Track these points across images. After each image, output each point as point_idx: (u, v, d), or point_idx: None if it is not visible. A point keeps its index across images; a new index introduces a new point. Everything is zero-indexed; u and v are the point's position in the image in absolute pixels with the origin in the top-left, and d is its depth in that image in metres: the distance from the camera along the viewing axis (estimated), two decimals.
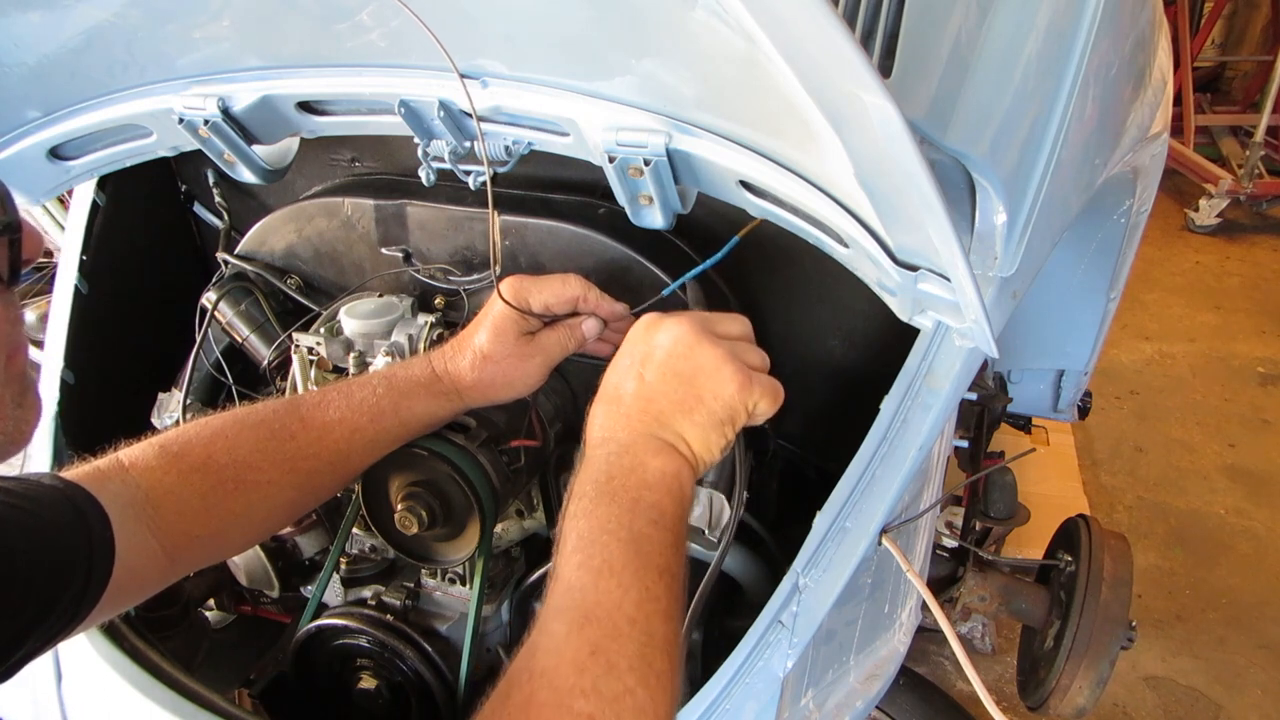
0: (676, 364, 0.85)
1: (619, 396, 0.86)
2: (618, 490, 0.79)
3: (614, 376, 0.88)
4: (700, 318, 0.88)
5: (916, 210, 0.74)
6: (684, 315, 0.88)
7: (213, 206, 1.51)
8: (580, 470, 0.83)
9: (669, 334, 0.86)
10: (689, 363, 0.84)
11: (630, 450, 0.82)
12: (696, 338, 0.85)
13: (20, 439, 0.61)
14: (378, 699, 1.12)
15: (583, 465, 0.83)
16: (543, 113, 0.96)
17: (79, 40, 1.06)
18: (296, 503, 1.03)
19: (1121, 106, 1.21)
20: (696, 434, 0.84)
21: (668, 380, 0.84)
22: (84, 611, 0.84)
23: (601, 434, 0.85)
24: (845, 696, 1.01)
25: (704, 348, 0.85)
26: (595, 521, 0.76)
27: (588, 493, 0.79)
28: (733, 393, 0.84)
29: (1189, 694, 2.48)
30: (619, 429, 0.84)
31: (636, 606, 0.71)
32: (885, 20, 0.83)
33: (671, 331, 0.86)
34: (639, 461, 0.81)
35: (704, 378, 0.84)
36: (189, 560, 0.96)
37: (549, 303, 1.05)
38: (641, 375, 0.85)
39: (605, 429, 0.85)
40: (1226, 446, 3.51)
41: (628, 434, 0.83)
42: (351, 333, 1.20)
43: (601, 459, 0.82)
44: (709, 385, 0.84)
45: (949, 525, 1.90)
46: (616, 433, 0.84)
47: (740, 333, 0.91)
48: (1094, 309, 1.80)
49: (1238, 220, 5.50)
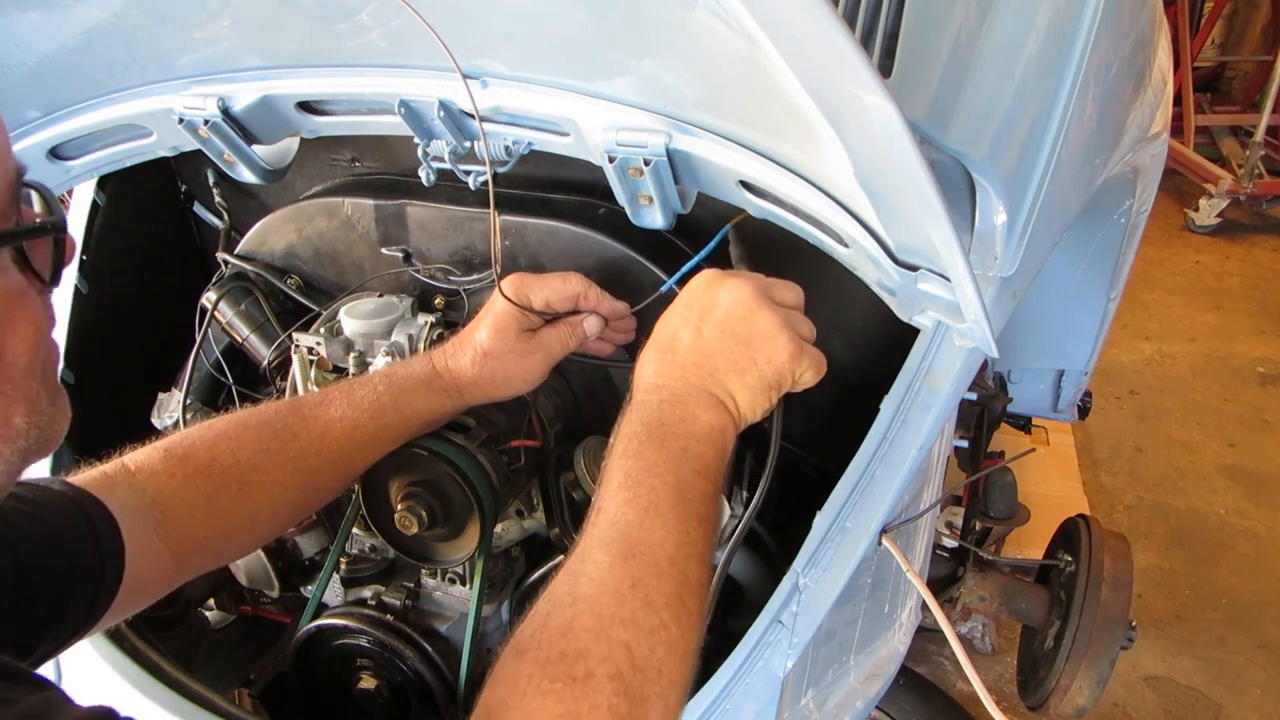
0: (735, 324, 0.86)
1: (674, 346, 0.88)
2: (668, 436, 0.81)
3: (670, 325, 0.90)
4: (761, 282, 0.89)
5: (916, 210, 0.74)
6: (747, 277, 0.89)
7: (213, 206, 1.51)
8: (629, 412, 0.85)
9: (731, 294, 0.87)
10: (747, 325, 0.86)
11: (683, 400, 0.84)
12: (757, 301, 0.87)
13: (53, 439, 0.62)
14: (378, 699, 1.12)
15: (632, 408, 0.85)
16: (543, 113, 0.96)
17: (79, 40, 1.06)
18: (299, 503, 1.03)
19: (1121, 106, 1.21)
20: (745, 395, 0.86)
21: (725, 339, 0.86)
22: (95, 618, 0.85)
23: (655, 380, 0.86)
24: (845, 696, 1.01)
25: (763, 312, 0.86)
26: (644, 463, 0.79)
27: (638, 434, 0.81)
28: (784, 360, 0.86)
29: (1189, 694, 2.48)
30: (673, 378, 0.86)
31: (677, 548, 0.74)
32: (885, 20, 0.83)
33: (734, 292, 0.87)
34: (690, 413, 0.83)
35: (760, 342, 0.86)
36: (195, 564, 0.97)
37: (550, 300, 1.05)
38: (699, 329, 0.87)
39: (659, 375, 0.87)
40: (1226, 446, 3.51)
41: (681, 384, 0.85)
42: (351, 333, 1.20)
43: (654, 405, 0.84)
44: (764, 350, 0.86)
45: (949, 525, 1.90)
46: (670, 381, 0.86)
47: (794, 301, 0.92)
48: (1094, 309, 1.80)
49: (1238, 220, 5.49)
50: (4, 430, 0.57)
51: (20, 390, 0.57)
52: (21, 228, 0.57)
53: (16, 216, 0.57)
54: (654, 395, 0.85)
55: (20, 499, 0.81)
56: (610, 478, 0.79)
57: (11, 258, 0.57)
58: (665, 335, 0.90)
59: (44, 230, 0.59)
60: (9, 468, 0.58)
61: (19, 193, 0.57)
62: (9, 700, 0.53)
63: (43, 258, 0.59)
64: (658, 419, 0.82)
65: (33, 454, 0.60)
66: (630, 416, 0.84)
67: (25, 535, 0.79)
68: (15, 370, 0.57)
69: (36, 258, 0.59)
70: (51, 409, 0.61)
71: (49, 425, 0.60)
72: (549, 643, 0.68)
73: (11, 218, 0.56)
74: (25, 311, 0.57)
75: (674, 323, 0.90)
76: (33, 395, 0.58)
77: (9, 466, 0.58)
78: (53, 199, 0.60)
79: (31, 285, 0.58)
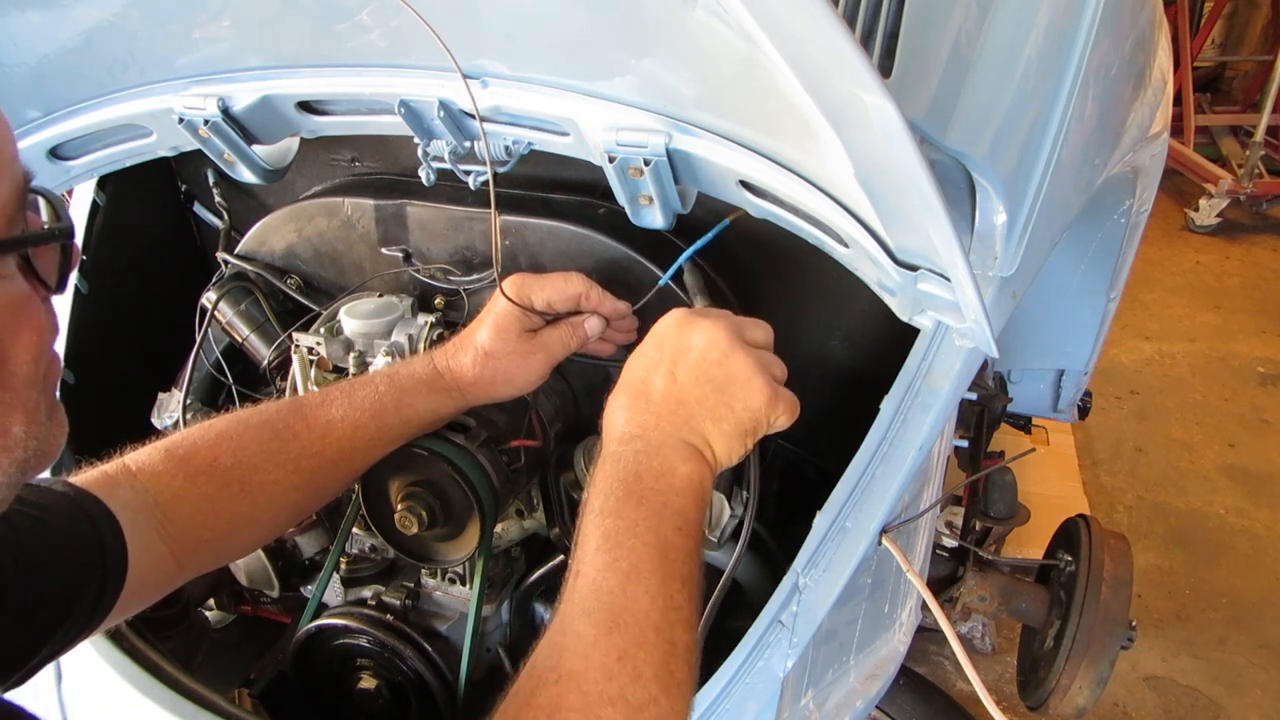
0: (710, 369, 0.84)
1: (646, 392, 0.85)
2: (646, 493, 0.79)
3: (640, 368, 0.87)
4: (733, 323, 0.87)
5: (916, 210, 0.74)
6: (719, 318, 0.87)
7: (213, 206, 1.51)
8: (604, 464, 0.82)
9: (704, 336, 0.85)
10: (722, 369, 0.84)
11: (659, 452, 0.82)
12: (730, 344, 0.85)
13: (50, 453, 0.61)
14: (378, 699, 1.12)
15: (607, 459, 0.82)
16: (543, 113, 0.96)
17: (79, 40, 1.06)
18: (300, 504, 1.03)
19: (1121, 106, 1.21)
20: (722, 442, 0.84)
21: (700, 384, 0.84)
22: (98, 619, 0.85)
23: (629, 429, 0.84)
24: (845, 696, 1.01)
25: (737, 356, 0.84)
26: (623, 522, 0.76)
27: (615, 490, 0.79)
28: (760, 405, 0.85)
29: (1189, 694, 2.48)
30: (648, 427, 0.83)
31: (662, 614, 0.72)
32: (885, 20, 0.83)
33: (707, 334, 0.85)
34: (668, 465, 0.81)
35: (736, 387, 0.84)
36: (196, 564, 0.97)
37: (551, 300, 1.05)
38: (673, 374, 0.85)
39: (633, 424, 0.84)
40: (1226, 446, 3.51)
41: (657, 434, 0.83)
42: (351, 333, 1.20)
43: (630, 457, 0.81)
44: (740, 395, 0.84)
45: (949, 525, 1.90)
46: (646, 430, 0.83)
47: (765, 340, 0.91)
48: (1094, 309, 1.80)
49: (1238, 220, 5.49)
50: (3, 440, 0.56)
51: (20, 399, 0.56)
52: (29, 234, 0.56)
53: (24, 223, 0.56)
54: (629, 446, 0.82)
55: (22, 500, 0.81)
56: (588, 538, 0.77)
57: (17, 265, 0.56)
58: (636, 379, 0.87)
59: (52, 237, 0.58)
60: (8, 479, 0.57)
61: (26, 199, 0.57)
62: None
63: (48, 265, 0.59)
64: (634, 472, 0.80)
65: (31, 467, 0.59)
66: (605, 469, 0.81)
67: (28, 537, 0.79)
68: (16, 379, 0.56)
69: (42, 265, 0.58)
70: (49, 422, 0.60)
71: (47, 438, 0.60)
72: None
73: (19, 224, 0.56)
74: (29, 319, 0.56)
75: (645, 365, 0.87)
76: (32, 405, 0.57)
77: (8, 479, 0.57)
78: (60, 205, 0.60)
79: (36, 292, 0.58)
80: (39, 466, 0.60)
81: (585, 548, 0.76)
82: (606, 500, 0.78)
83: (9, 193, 0.55)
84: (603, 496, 0.79)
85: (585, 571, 0.75)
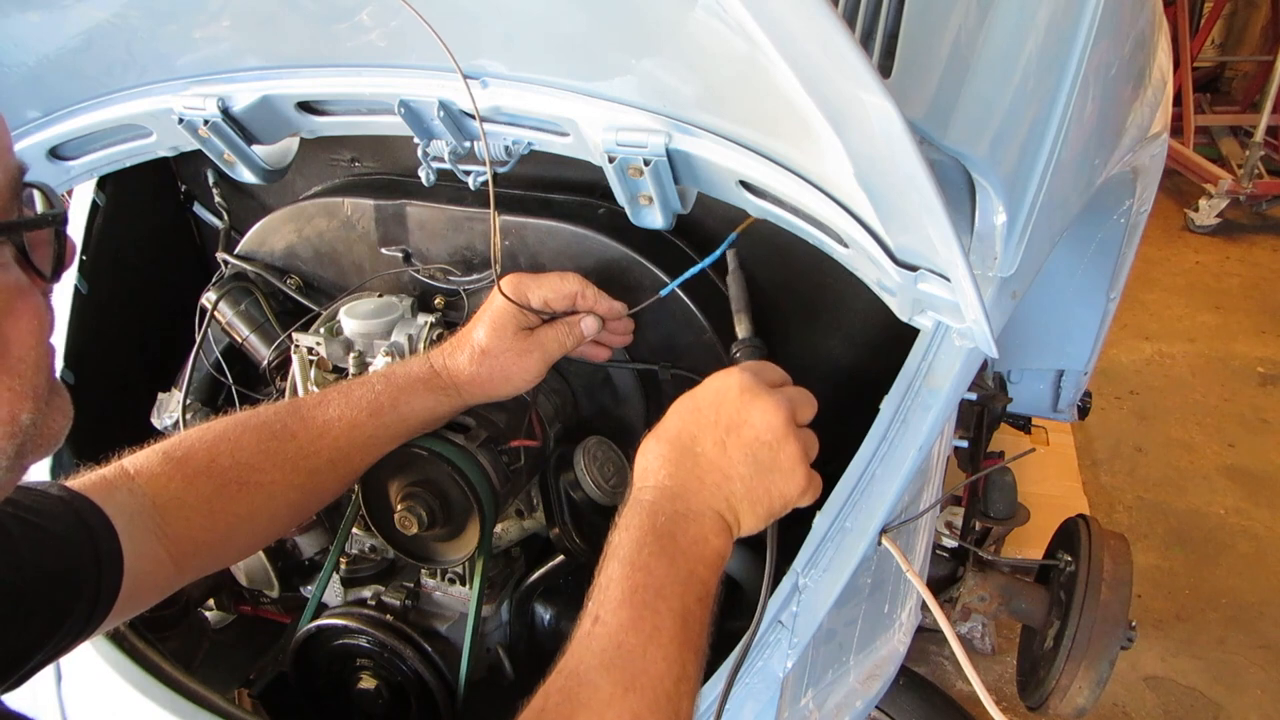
0: (761, 451, 0.85)
1: (695, 452, 0.85)
2: (678, 555, 0.80)
3: (691, 424, 0.87)
4: (790, 403, 0.86)
5: (916, 210, 0.74)
6: (781, 399, 0.86)
7: (213, 206, 1.51)
8: (638, 510, 0.82)
9: (764, 418, 0.85)
10: (771, 454, 0.85)
11: (698, 520, 0.82)
12: (786, 431, 0.85)
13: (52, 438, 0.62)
14: (378, 699, 1.12)
15: (643, 506, 0.82)
16: (543, 113, 0.96)
17: (79, 40, 1.06)
18: (299, 504, 1.03)
19: (1121, 106, 1.21)
20: (750, 521, 0.86)
21: (748, 463, 0.84)
22: (94, 624, 0.85)
23: (670, 484, 0.84)
24: (845, 696, 1.01)
25: (789, 444, 0.85)
26: (652, 579, 0.77)
27: (648, 543, 0.79)
28: (795, 495, 0.87)
29: (1189, 694, 2.48)
30: (690, 491, 0.84)
31: (675, 683, 0.74)
32: (885, 20, 0.83)
33: (767, 416, 0.85)
34: (702, 535, 0.82)
35: (779, 475, 0.85)
36: (195, 567, 0.97)
37: (548, 298, 1.05)
38: (724, 443, 0.85)
39: (675, 480, 0.84)
40: (1226, 446, 3.51)
41: (698, 501, 0.83)
42: (351, 333, 1.20)
43: (668, 514, 0.82)
44: (780, 484, 0.85)
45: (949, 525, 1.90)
46: (686, 491, 0.84)
47: (811, 417, 0.90)
48: (1094, 309, 1.80)
49: (1238, 220, 5.49)
50: (10, 426, 0.57)
51: (28, 385, 0.57)
52: (23, 220, 0.57)
53: (18, 214, 0.57)
54: (668, 502, 0.83)
55: (18, 505, 0.81)
56: (611, 584, 0.77)
57: (13, 255, 0.57)
58: (685, 435, 0.86)
59: (45, 222, 0.59)
60: (10, 463, 0.58)
61: (20, 190, 0.57)
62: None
63: (44, 256, 0.59)
64: (669, 532, 0.80)
65: (29, 451, 0.59)
66: (640, 518, 0.81)
67: (24, 542, 0.79)
68: (24, 365, 0.57)
69: (38, 256, 0.59)
70: (48, 408, 0.61)
71: (46, 423, 0.60)
72: None
73: (13, 215, 0.56)
74: (28, 307, 0.57)
75: (697, 424, 0.86)
76: (40, 391, 0.58)
77: (10, 463, 0.58)
78: (54, 196, 0.60)
79: (34, 283, 0.58)
80: (40, 452, 0.61)
81: (609, 594, 0.77)
82: (639, 552, 0.79)
83: (3, 182, 0.55)
84: (634, 546, 0.79)
85: (606, 620, 0.75)
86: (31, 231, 0.58)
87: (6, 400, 0.56)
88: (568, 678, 0.73)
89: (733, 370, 0.89)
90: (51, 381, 0.61)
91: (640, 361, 1.18)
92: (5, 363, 0.56)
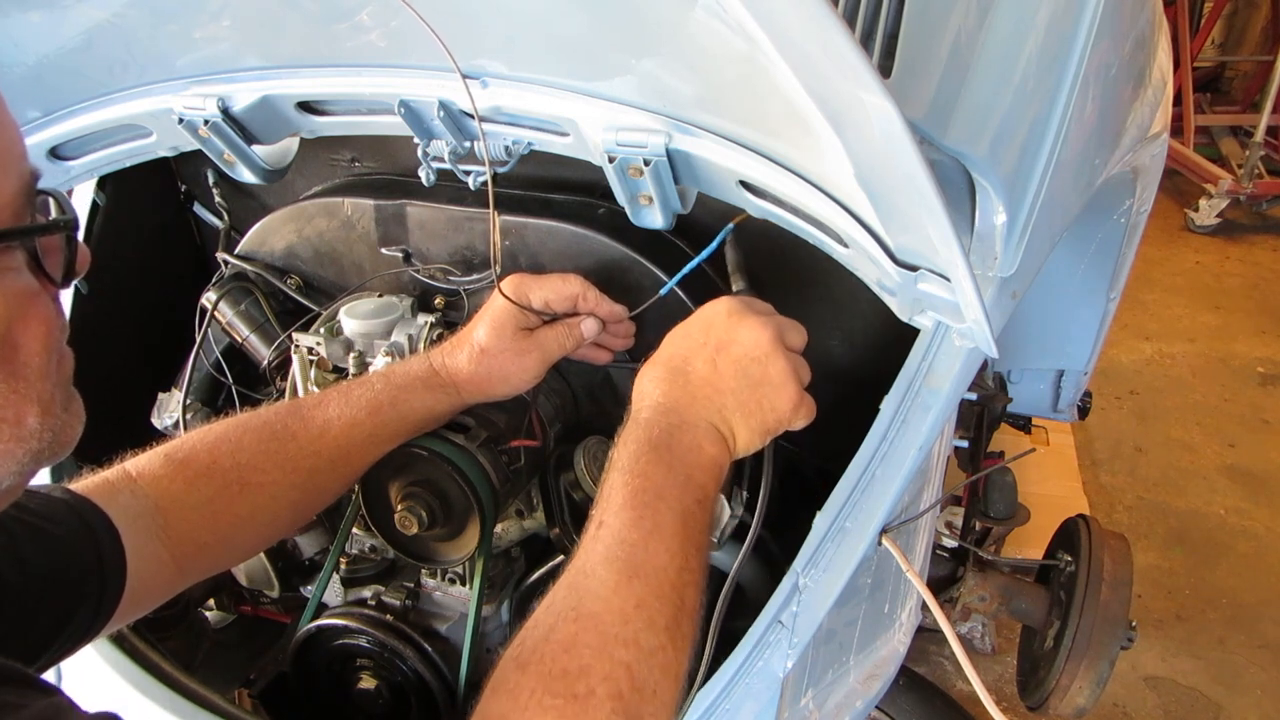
0: (750, 365, 0.88)
1: (686, 371, 0.89)
2: (675, 462, 0.82)
3: (683, 347, 0.90)
4: (777, 325, 0.90)
5: (916, 210, 0.74)
6: (767, 318, 0.90)
7: (213, 206, 1.51)
8: (634, 426, 0.85)
9: (751, 334, 0.88)
10: (760, 368, 0.88)
11: (693, 429, 0.85)
12: (773, 346, 0.88)
13: (66, 444, 0.63)
14: (378, 699, 1.12)
15: (638, 423, 0.85)
16: (543, 113, 0.96)
17: (79, 40, 1.06)
18: (300, 504, 1.03)
19: (1121, 106, 1.21)
20: (745, 435, 0.88)
21: (738, 378, 0.88)
22: (97, 627, 0.85)
23: (664, 400, 0.87)
24: (845, 696, 1.01)
25: (777, 359, 0.88)
26: (650, 483, 0.80)
27: (645, 453, 0.82)
28: (787, 409, 0.89)
29: (1189, 694, 2.48)
30: (683, 404, 0.87)
31: (678, 573, 0.76)
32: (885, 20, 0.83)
33: (754, 332, 0.89)
34: (697, 443, 0.85)
35: (769, 389, 0.88)
36: (198, 568, 0.97)
37: (549, 299, 1.05)
38: (714, 361, 0.88)
39: (669, 397, 0.87)
40: (1226, 446, 3.51)
41: (691, 413, 0.86)
42: (351, 333, 1.20)
43: (663, 425, 0.85)
44: (771, 397, 0.88)
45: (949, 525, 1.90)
46: (680, 406, 0.87)
47: (801, 344, 0.94)
48: (1094, 309, 1.80)
49: (1238, 220, 5.49)
50: (17, 430, 0.57)
51: (34, 390, 0.57)
52: (35, 225, 0.58)
53: (31, 220, 0.57)
54: (663, 417, 0.85)
55: (23, 509, 0.81)
56: (613, 491, 0.80)
57: (25, 261, 0.57)
58: (678, 356, 0.90)
59: (56, 228, 0.59)
60: (21, 469, 0.58)
61: (34, 196, 0.58)
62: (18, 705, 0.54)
63: (54, 261, 0.60)
64: (666, 442, 0.83)
65: (45, 458, 0.60)
66: (636, 432, 0.84)
67: (27, 546, 0.79)
68: (30, 370, 0.57)
69: (49, 261, 0.59)
70: (65, 414, 0.61)
71: (63, 430, 0.61)
72: (551, 657, 0.69)
73: (26, 220, 0.57)
74: (38, 312, 0.58)
75: (688, 346, 0.90)
76: (47, 397, 0.59)
77: (21, 468, 0.58)
78: (66, 202, 0.61)
79: (45, 289, 0.59)
80: (54, 457, 0.61)
81: (610, 500, 0.79)
82: (636, 461, 0.81)
83: (16, 187, 0.56)
84: (632, 457, 0.82)
85: (609, 523, 0.78)
86: (44, 237, 0.58)
87: (13, 404, 0.56)
88: (575, 574, 0.75)
89: (721, 299, 0.93)
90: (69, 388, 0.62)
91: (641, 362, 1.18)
92: (13, 367, 0.56)
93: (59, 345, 0.60)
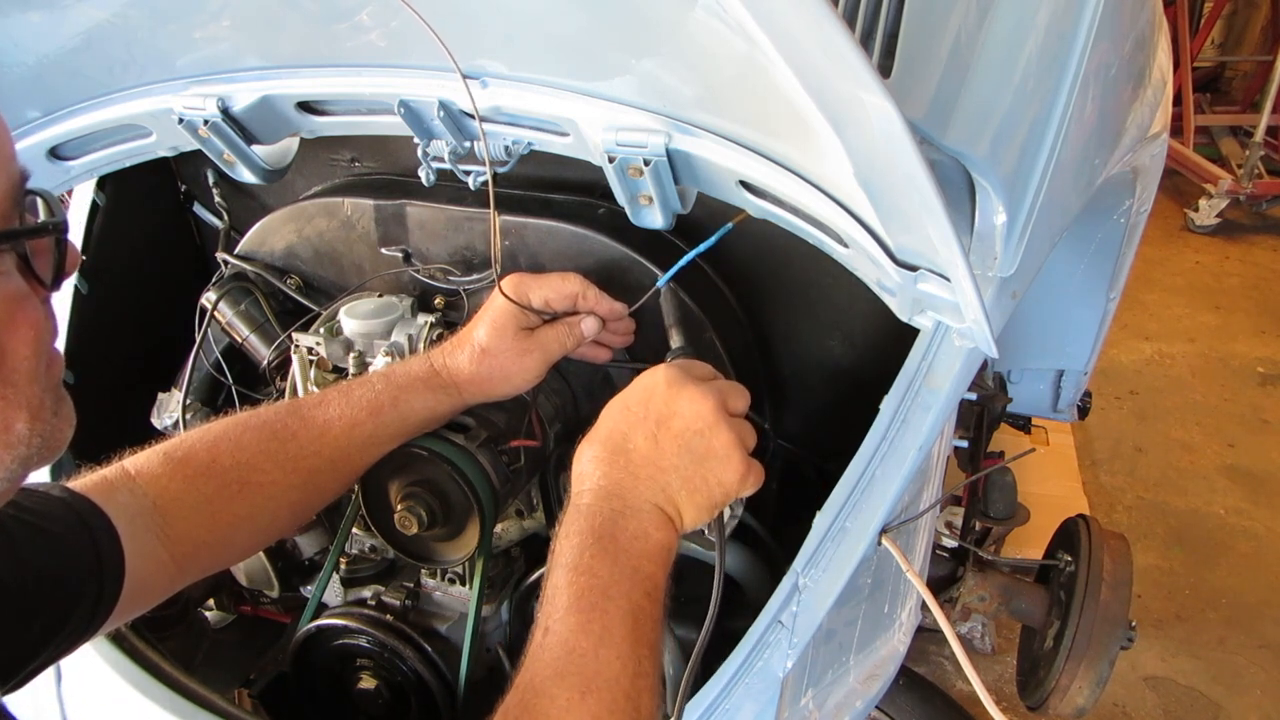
0: (693, 441, 0.84)
1: (627, 450, 0.85)
2: (620, 554, 0.79)
3: (621, 423, 0.86)
4: (719, 395, 0.87)
5: (916, 210, 0.74)
6: (708, 387, 0.87)
7: (213, 206, 1.51)
8: (574, 513, 0.82)
9: (692, 406, 0.85)
10: (704, 442, 0.85)
11: (636, 515, 0.82)
12: (715, 418, 0.85)
13: (57, 447, 0.62)
14: (378, 699, 1.12)
15: (579, 510, 0.82)
16: (543, 113, 0.96)
17: (79, 40, 1.06)
18: (299, 504, 1.03)
19: (1121, 106, 1.21)
20: (692, 513, 0.85)
21: (681, 454, 0.84)
22: (96, 625, 0.85)
23: (604, 483, 0.84)
24: (845, 696, 1.01)
25: (720, 431, 0.85)
26: (597, 581, 0.77)
27: (589, 545, 0.79)
28: (733, 481, 0.86)
29: (1189, 694, 2.48)
30: (625, 486, 0.83)
31: (631, 681, 0.74)
32: (885, 20, 0.83)
33: (695, 405, 0.85)
34: (643, 529, 0.82)
35: (715, 462, 0.85)
36: (196, 567, 0.97)
37: (549, 298, 1.05)
38: (655, 437, 0.85)
39: (609, 479, 0.84)
40: (1226, 446, 3.51)
41: (635, 497, 0.83)
42: (351, 333, 1.20)
43: (606, 514, 0.81)
44: (717, 470, 0.85)
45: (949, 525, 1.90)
46: (623, 490, 0.83)
47: (744, 408, 0.91)
48: (1094, 309, 1.80)
49: (1237, 220, 5.49)
50: (6, 437, 0.56)
51: (23, 395, 0.57)
52: (24, 227, 0.57)
53: (20, 221, 0.57)
54: (605, 502, 0.82)
55: (20, 507, 0.81)
56: (558, 593, 0.77)
57: (14, 263, 0.56)
58: (617, 433, 0.86)
59: (45, 230, 0.59)
60: (10, 474, 0.57)
61: (23, 198, 0.57)
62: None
63: (44, 263, 0.59)
64: (610, 531, 0.80)
65: (35, 461, 0.59)
66: (579, 522, 0.81)
67: (25, 545, 0.79)
68: (18, 375, 0.56)
69: (39, 263, 0.58)
70: (55, 418, 0.60)
71: (53, 433, 0.60)
72: None
73: (14, 222, 0.56)
74: (27, 315, 0.57)
75: (627, 421, 0.86)
76: (35, 401, 0.58)
77: (9, 474, 0.57)
78: (55, 203, 0.60)
79: (35, 291, 0.58)
80: (44, 460, 0.61)
81: (555, 603, 0.77)
82: (580, 556, 0.79)
83: (5, 189, 0.55)
84: (576, 551, 0.79)
85: (555, 629, 0.75)
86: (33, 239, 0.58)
87: (1, 410, 0.56)
88: (524, 692, 0.73)
89: (658, 368, 0.90)
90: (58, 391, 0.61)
91: (640, 361, 1.18)
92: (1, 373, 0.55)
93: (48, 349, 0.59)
